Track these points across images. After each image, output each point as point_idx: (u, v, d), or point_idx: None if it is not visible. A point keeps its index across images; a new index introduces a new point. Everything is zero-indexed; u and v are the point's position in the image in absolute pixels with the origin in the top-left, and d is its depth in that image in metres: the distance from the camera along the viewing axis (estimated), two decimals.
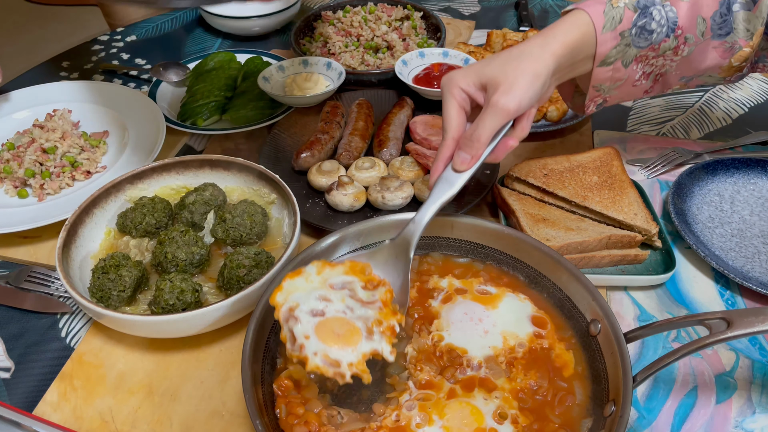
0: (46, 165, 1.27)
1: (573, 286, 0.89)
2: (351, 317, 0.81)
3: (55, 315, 1.04)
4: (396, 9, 1.72)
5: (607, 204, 1.12)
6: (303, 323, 0.79)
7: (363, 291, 0.85)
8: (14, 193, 1.24)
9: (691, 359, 0.96)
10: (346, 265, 0.87)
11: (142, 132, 1.34)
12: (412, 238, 0.87)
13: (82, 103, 1.44)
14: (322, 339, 0.79)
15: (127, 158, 1.30)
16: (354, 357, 0.78)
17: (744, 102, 1.51)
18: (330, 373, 0.76)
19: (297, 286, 0.83)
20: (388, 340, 0.80)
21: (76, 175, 1.27)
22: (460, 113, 0.91)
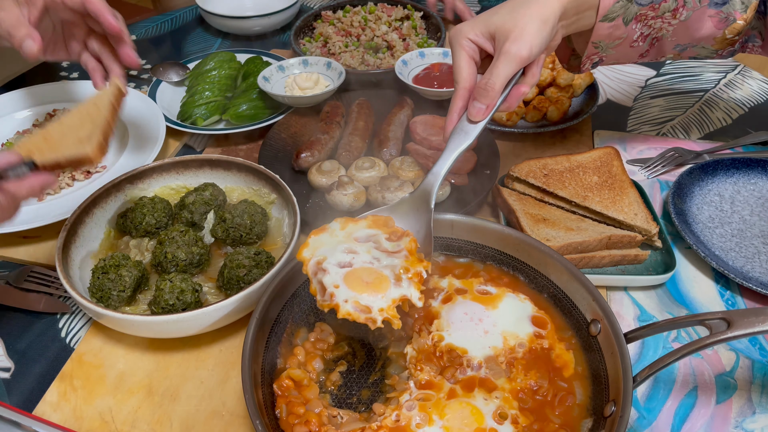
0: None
1: (573, 286, 0.89)
2: (378, 267, 0.84)
3: (55, 315, 1.04)
4: (396, 9, 1.72)
5: (608, 204, 1.12)
6: (332, 274, 0.82)
7: (387, 242, 0.87)
8: None
9: (692, 359, 0.96)
10: (368, 220, 0.90)
11: (141, 132, 1.34)
12: (431, 189, 0.89)
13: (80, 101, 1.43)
14: (351, 287, 0.81)
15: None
16: (384, 303, 0.81)
17: (744, 102, 1.51)
18: (362, 319, 0.79)
19: (322, 242, 0.86)
20: (417, 286, 0.83)
21: (76, 175, 1.27)
22: (471, 64, 0.91)
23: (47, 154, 0.86)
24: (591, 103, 1.41)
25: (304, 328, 0.91)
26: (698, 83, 1.58)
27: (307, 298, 0.94)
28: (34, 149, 0.86)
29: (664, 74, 1.61)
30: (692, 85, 1.57)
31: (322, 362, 0.86)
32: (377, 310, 0.80)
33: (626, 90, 1.56)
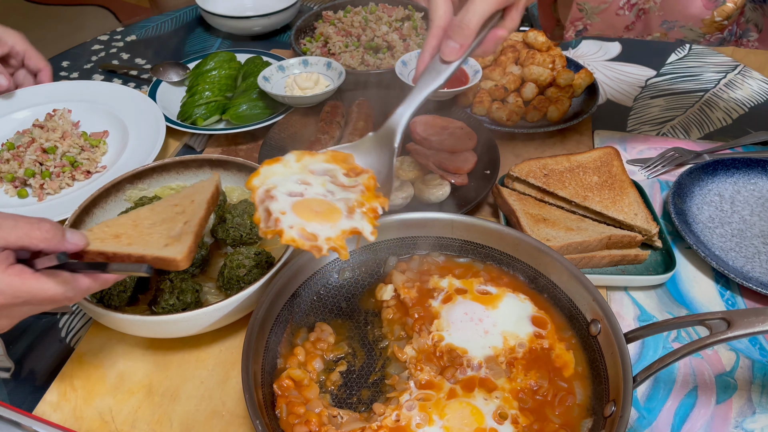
0: (46, 165, 1.26)
1: (573, 286, 0.89)
2: (331, 199, 0.79)
3: (55, 315, 1.04)
4: (397, 9, 1.72)
5: (608, 204, 1.12)
6: (280, 201, 0.77)
7: (344, 177, 0.82)
8: (14, 192, 1.25)
9: (692, 359, 0.96)
10: (327, 154, 0.84)
11: (142, 132, 1.34)
12: (396, 127, 0.85)
13: (82, 103, 1.44)
14: (299, 215, 0.76)
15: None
16: (332, 232, 0.76)
17: (744, 102, 1.51)
18: (306, 246, 0.74)
19: (275, 172, 0.81)
20: (370, 221, 0.78)
21: (76, 175, 1.27)
22: (447, 2, 0.86)
23: (135, 246, 0.80)
24: (591, 103, 1.41)
25: (304, 328, 0.91)
26: (698, 83, 1.58)
27: (307, 298, 0.94)
28: (122, 234, 0.82)
29: (664, 74, 1.61)
30: (692, 85, 1.57)
31: (322, 362, 0.86)
32: (324, 238, 0.75)
33: (626, 90, 1.56)
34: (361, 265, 0.99)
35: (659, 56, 1.67)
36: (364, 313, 0.94)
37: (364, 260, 0.99)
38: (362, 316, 0.93)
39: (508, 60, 1.50)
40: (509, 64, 1.49)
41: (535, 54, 1.47)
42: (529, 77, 1.43)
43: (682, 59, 1.67)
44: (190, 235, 0.82)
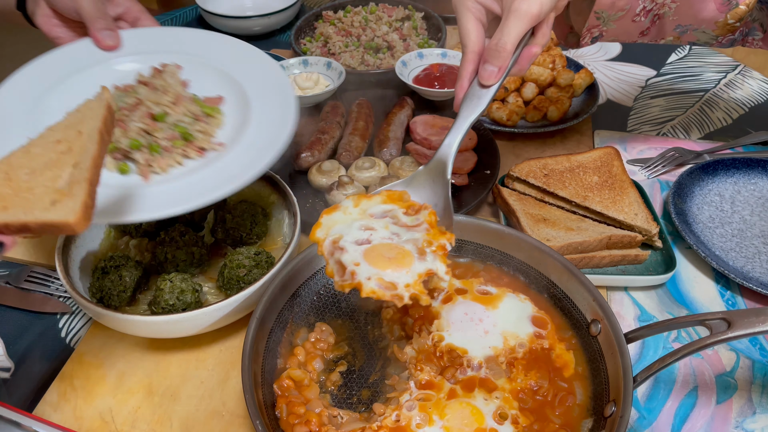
0: (155, 136, 0.97)
1: (573, 287, 0.89)
2: (398, 242, 0.79)
3: (55, 315, 1.04)
4: (397, 9, 1.72)
5: (608, 204, 1.12)
6: (350, 252, 0.77)
7: (405, 216, 0.82)
8: (114, 166, 0.96)
9: (692, 359, 0.96)
10: (383, 195, 0.85)
11: (267, 104, 1.03)
12: (447, 159, 0.86)
13: (191, 58, 1.10)
14: (373, 264, 0.76)
15: (253, 137, 0.98)
16: (409, 278, 0.75)
17: (744, 102, 1.51)
18: (387, 296, 0.74)
19: (336, 220, 0.82)
20: (442, 260, 0.78)
21: (187, 151, 0.98)
22: (478, 26, 0.87)
23: (12, 211, 0.63)
24: (591, 103, 1.41)
25: (304, 328, 0.91)
26: (698, 83, 1.58)
27: (308, 298, 0.94)
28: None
29: (664, 74, 1.61)
30: (692, 85, 1.57)
31: (322, 362, 0.86)
32: (403, 285, 0.75)
33: (626, 90, 1.56)
34: None
35: (659, 56, 1.67)
36: (364, 313, 0.94)
37: None
38: (362, 316, 0.93)
39: None
40: None
41: None
42: (530, 77, 1.43)
43: (682, 59, 1.67)
44: (82, 183, 0.65)
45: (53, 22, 1.13)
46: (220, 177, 0.92)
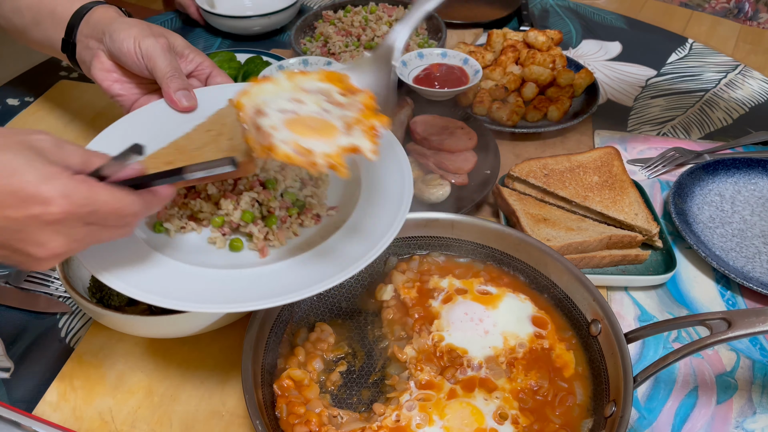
0: (269, 206, 0.88)
1: (573, 287, 0.89)
2: (327, 117, 0.73)
3: (55, 315, 1.04)
4: (397, 9, 1.72)
5: (608, 204, 1.12)
6: (271, 118, 0.71)
7: (341, 96, 0.76)
8: (224, 243, 0.87)
9: (692, 359, 0.96)
10: (321, 74, 0.78)
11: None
12: (394, 44, 0.80)
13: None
14: (293, 130, 0.71)
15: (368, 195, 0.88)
16: (329, 148, 0.69)
17: (744, 102, 1.51)
18: (302, 162, 0.69)
19: (265, 91, 0.75)
20: (370, 138, 0.72)
21: (305, 221, 0.90)
22: None
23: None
24: (591, 103, 1.41)
25: (304, 328, 0.91)
26: (699, 83, 1.58)
27: (308, 298, 0.94)
28: (173, 160, 0.74)
29: (664, 74, 1.61)
30: (693, 84, 1.57)
31: (322, 362, 0.86)
32: (321, 153, 0.68)
33: (627, 90, 1.56)
34: None
35: (659, 56, 1.67)
36: (364, 313, 0.94)
37: None
38: (362, 316, 0.93)
39: (509, 60, 1.49)
40: (509, 64, 1.49)
41: (535, 54, 1.47)
42: (530, 77, 1.43)
43: (682, 59, 1.67)
44: (242, 145, 0.74)
45: (113, 77, 1.03)
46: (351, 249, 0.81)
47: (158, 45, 0.97)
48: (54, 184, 0.62)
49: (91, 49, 1.04)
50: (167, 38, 1.00)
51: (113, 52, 1.00)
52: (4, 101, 1.49)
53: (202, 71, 1.05)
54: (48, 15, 1.09)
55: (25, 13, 1.13)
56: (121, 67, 1.02)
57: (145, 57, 0.97)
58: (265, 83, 0.77)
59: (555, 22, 1.82)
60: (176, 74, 0.97)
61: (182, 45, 1.03)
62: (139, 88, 1.05)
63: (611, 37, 1.76)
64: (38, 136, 0.66)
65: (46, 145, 0.66)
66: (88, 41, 1.04)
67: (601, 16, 1.85)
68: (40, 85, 1.54)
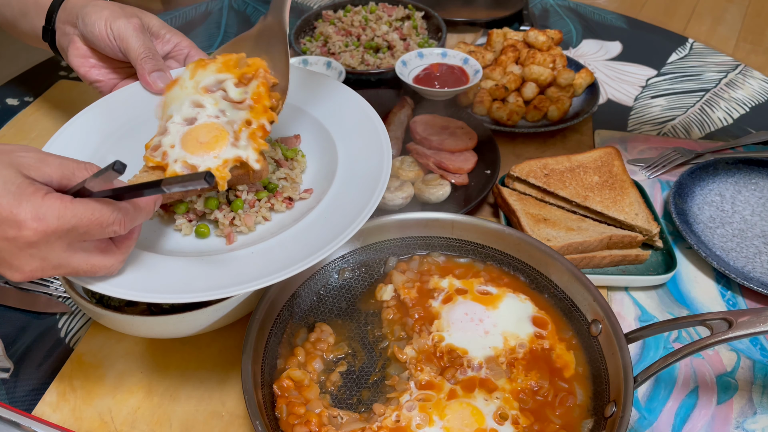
0: (235, 190, 0.87)
1: (574, 287, 0.88)
2: (221, 121, 0.81)
3: (54, 315, 1.04)
4: (397, 9, 1.72)
5: (608, 204, 1.12)
6: (172, 134, 0.80)
7: (235, 89, 0.82)
8: (190, 230, 0.87)
9: (692, 360, 0.96)
10: (218, 62, 0.86)
11: (353, 138, 0.90)
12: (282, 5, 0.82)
13: None
14: (185, 147, 0.79)
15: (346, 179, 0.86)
16: (214, 162, 0.78)
17: (745, 102, 1.51)
18: None
19: (174, 97, 0.84)
20: (256, 147, 0.80)
21: (275, 204, 0.88)
22: None
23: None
24: (592, 103, 1.41)
25: (304, 328, 0.91)
26: (699, 83, 1.57)
27: (307, 298, 0.94)
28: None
29: (664, 74, 1.61)
30: (693, 84, 1.57)
31: (322, 363, 0.86)
32: (204, 168, 0.77)
33: (627, 90, 1.56)
34: (361, 266, 0.99)
35: (660, 56, 1.67)
36: (364, 313, 0.93)
37: (364, 260, 0.99)
38: (362, 316, 0.93)
39: (509, 59, 1.49)
40: (510, 64, 1.49)
41: (535, 53, 1.47)
42: (530, 77, 1.43)
43: (682, 59, 1.66)
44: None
45: (90, 62, 1.01)
46: (320, 234, 0.79)
47: (130, 26, 0.95)
48: (26, 207, 0.62)
49: (68, 35, 1.02)
50: (141, 18, 0.98)
51: (86, 36, 0.98)
52: (4, 101, 1.49)
53: (180, 51, 1.03)
54: (33, 5, 1.08)
55: (13, 4, 1.11)
56: (98, 52, 1.00)
57: (117, 39, 0.95)
58: (173, 88, 0.85)
59: (555, 22, 1.81)
60: (150, 55, 0.95)
61: (158, 25, 1.01)
62: (117, 73, 1.03)
63: (611, 36, 1.76)
64: (21, 153, 0.66)
65: (29, 162, 0.65)
66: (65, 27, 1.03)
67: (601, 15, 1.85)
68: (39, 85, 1.54)
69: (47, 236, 0.63)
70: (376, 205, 0.81)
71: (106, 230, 0.67)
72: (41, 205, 0.62)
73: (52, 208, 0.62)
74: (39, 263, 0.65)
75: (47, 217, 0.62)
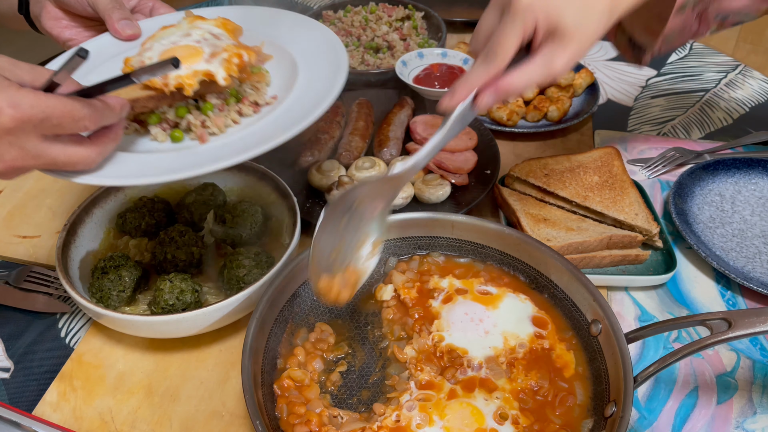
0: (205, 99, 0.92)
1: (574, 287, 0.89)
2: (202, 45, 0.88)
3: (54, 315, 1.04)
4: (397, 9, 1.72)
5: (608, 204, 1.12)
6: (154, 50, 0.88)
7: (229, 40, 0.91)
8: (165, 137, 0.91)
9: (692, 360, 0.96)
10: (218, 20, 0.94)
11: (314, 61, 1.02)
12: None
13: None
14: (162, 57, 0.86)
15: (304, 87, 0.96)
16: (185, 71, 0.84)
17: (745, 102, 1.51)
18: (158, 84, 0.84)
19: (168, 32, 0.93)
20: (229, 66, 0.85)
21: (243, 109, 0.94)
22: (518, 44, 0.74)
23: None
24: (592, 103, 1.41)
25: (304, 328, 0.91)
26: (699, 83, 1.57)
27: (307, 298, 0.94)
28: None
29: (664, 74, 1.61)
30: (693, 84, 1.57)
31: (323, 362, 0.86)
32: (174, 76, 0.83)
33: (627, 90, 1.56)
34: None
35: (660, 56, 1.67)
36: (364, 313, 0.94)
37: None
38: (362, 316, 0.93)
39: None
40: None
41: None
42: None
43: (682, 59, 1.66)
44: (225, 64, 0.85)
45: (62, 24, 1.07)
46: (278, 125, 0.89)
47: None
48: (2, 96, 0.67)
49: (39, 2, 1.09)
50: None
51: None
52: None
53: (144, 5, 1.11)
54: None
55: None
56: (69, 13, 1.07)
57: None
58: (169, 28, 0.94)
59: None
60: (117, 5, 1.03)
61: None
62: (90, 30, 1.09)
63: None
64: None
65: (2, 64, 0.72)
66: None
67: None
68: None
69: (23, 123, 0.68)
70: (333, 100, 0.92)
71: (78, 124, 0.72)
72: (16, 94, 0.67)
73: (26, 97, 0.68)
74: (18, 152, 0.70)
75: (22, 105, 0.67)
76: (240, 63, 0.85)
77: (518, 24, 0.73)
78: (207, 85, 0.88)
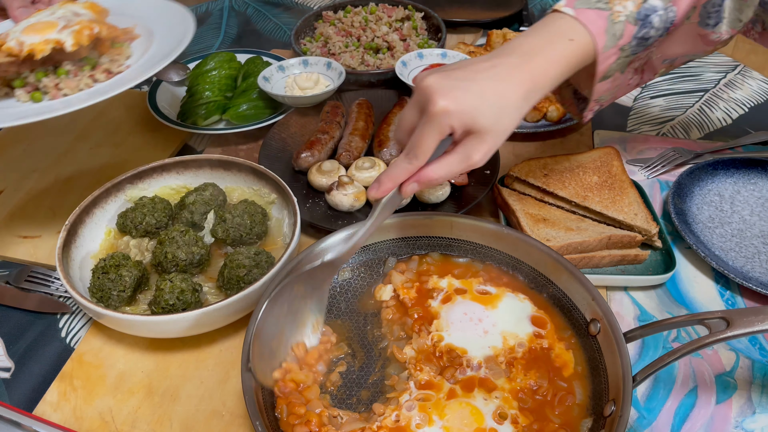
0: (62, 67, 1.09)
1: (573, 286, 0.89)
2: (55, 19, 1.05)
3: (55, 315, 1.04)
4: (397, 9, 1.72)
5: (607, 204, 1.12)
6: (20, 25, 1.06)
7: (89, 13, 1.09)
8: (27, 98, 1.08)
9: (691, 359, 0.96)
10: (86, 4, 1.13)
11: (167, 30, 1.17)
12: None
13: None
14: (24, 33, 1.04)
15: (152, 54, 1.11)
16: (38, 39, 1.02)
17: (744, 102, 1.51)
18: (17, 50, 1.02)
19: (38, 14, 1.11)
20: (78, 37, 1.03)
21: (96, 75, 1.09)
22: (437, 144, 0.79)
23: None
24: None
25: None
26: (698, 83, 1.58)
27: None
28: None
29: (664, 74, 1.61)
30: (692, 85, 1.57)
31: (323, 363, 0.86)
32: (29, 44, 1.01)
33: None
34: (360, 266, 0.99)
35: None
36: (363, 313, 0.94)
37: (364, 261, 0.99)
38: (362, 316, 0.93)
39: None
40: None
41: None
42: None
43: None
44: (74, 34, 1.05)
45: None
46: (117, 81, 1.06)
47: None
48: None
49: None
50: None
51: None
52: None
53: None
54: None
55: None
56: None
57: None
58: (42, 11, 1.11)
59: None
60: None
61: None
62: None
63: None
64: None
65: None
66: None
67: None
68: None
69: None
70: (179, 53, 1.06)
71: None
72: None
73: None
74: None
75: None
76: (91, 34, 1.03)
77: (435, 128, 0.77)
78: (62, 53, 1.04)
